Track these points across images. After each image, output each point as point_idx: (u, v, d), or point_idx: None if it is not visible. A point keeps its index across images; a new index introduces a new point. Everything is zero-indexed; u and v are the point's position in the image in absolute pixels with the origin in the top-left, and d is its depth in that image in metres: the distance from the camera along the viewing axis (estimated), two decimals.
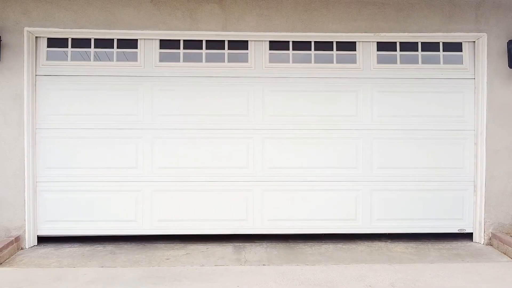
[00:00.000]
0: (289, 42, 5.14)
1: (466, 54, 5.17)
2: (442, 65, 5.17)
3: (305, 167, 5.13)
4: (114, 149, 5.03)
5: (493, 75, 4.98)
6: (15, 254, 4.64)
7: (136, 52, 5.05)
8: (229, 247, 4.88)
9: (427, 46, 5.18)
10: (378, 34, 4.99)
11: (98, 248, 4.85)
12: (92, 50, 5.02)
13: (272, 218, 5.13)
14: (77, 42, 5.00)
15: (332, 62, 5.14)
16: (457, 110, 5.16)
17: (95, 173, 5.01)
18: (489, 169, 5.02)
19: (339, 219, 5.15)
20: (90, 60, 5.01)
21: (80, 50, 5.01)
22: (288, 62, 5.13)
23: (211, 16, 4.90)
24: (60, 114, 4.98)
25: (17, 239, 4.75)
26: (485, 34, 4.98)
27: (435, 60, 5.17)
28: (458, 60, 5.17)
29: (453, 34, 5.01)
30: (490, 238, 5.01)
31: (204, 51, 5.10)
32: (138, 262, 4.38)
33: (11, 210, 4.82)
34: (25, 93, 4.79)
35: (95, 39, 5.01)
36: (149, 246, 4.93)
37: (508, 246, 4.64)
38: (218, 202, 5.10)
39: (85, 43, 5.02)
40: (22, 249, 4.82)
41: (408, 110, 5.15)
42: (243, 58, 5.12)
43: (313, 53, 5.14)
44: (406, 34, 5.00)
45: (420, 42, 5.16)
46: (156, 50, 5.06)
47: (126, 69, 5.03)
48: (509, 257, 4.58)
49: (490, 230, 5.03)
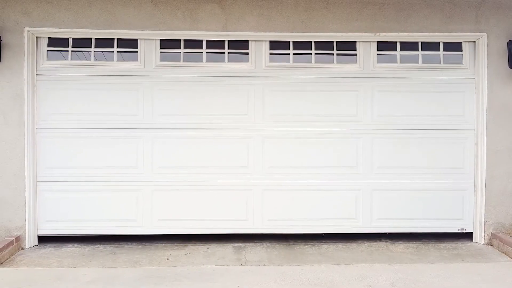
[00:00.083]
0: (289, 42, 5.13)
1: (466, 54, 5.16)
2: (442, 64, 5.16)
3: (305, 167, 5.13)
4: (114, 148, 5.03)
5: (493, 75, 4.98)
6: (16, 254, 4.65)
7: (136, 51, 5.05)
8: (229, 247, 4.89)
9: (427, 46, 5.17)
10: (378, 34, 4.99)
11: (99, 248, 4.86)
12: (92, 49, 5.03)
13: (272, 217, 5.13)
14: (77, 42, 5.00)
15: (332, 62, 5.14)
16: (457, 109, 5.16)
17: (96, 172, 5.02)
18: (489, 169, 5.02)
19: (340, 219, 5.15)
20: (90, 59, 5.02)
21: (80, 50, 5.01)
22: (288, 62, 5.13)
23: (212, 16, 4.90)
24: (60, 113, 4.98)
25: (17, 239, 4.75)
26: (485, 34, 4.98)
27: (436, 59, 5.17)
28: (459, 59, 5.17)
29: (453, 34, 5.01)
30: (491, 238, 5.02)
31: (204, 51, 5.10)
32: (138, 262, 4.38)
33: (12, 210, 4.83)
34: (25, 93, 4.79)
35: (96, 39, 5.01)
36: (149, 246, 4.93)
37: (508, 246, 4.64)
38: (219, 202, 5.10)
39: (85, 43, 5.01)
40: (22, 249, 4.82)
41: (408, 109, 5.15)
42: (243, 58, 5.12)
43: (313, 52, 5.15)
44: (406, 34, 5.00)
45: (420, 42, 5.16)
46: (156, 50, 5.06)
47: (126, 68, 5.03)
48: (509, 257, 4.58)
49: (490, 230, 5.03)
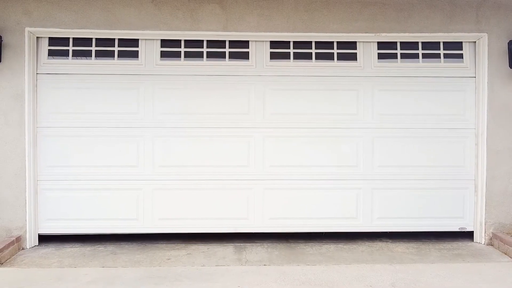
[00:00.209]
0: (290, 41, 5.13)
1: (466, 53, 5.16)
2: (442, 63, 5.16)
3: (306, 166, 5.13)
4: (115, 147, 5.03)
5: (493, 75, 4.98)
6: (16, 254, 4.65)
7: (137, 50, 5.05)
8: (230, 247, 4.89)
9: (428, 45, 5.17)
10: (379, 34, 4.99)
11: (99, 248, 4.86)
12: (93, 48, 5.02)
13: (273, 216, 5.13)
14: (78, 41, 5.00)
15: (333, 61, 5.14)
16: (457, 108, 5.15)
17: (96, 171, 5.02)
18: (490, 169, 5.02)
19: (340, 218, 5.15)
20: (91, 58, 5.01)
21: (81, 49, 5.01)
22: (289, 60, 5.13)
23: (212, 16, 4.89)
24: (61, 112, 4.98)
25: (18, 239, 4.75)
26: (485, 34, 4.98)
27: (436, 58, 5.17)
28: (459, 58, 5.16)
29: (454, 34, 5.01)
30: (491, 238, 5.02)
31: (205, 50, 5.09)
32: (139, 262, 4.38)
33: (12, 210, 4.83)
34: (26, 93, 4.79)
35: (96, 38, 5.01)
36: (150, 246, 4.93)
37: (508, 246, 4.64)
38: (219, 201, 5.10)
39: (86, 42, 5.01)
40: (23, 249, 4.82)
41: (409, 108, 5.15)
42: (244, 57, 5.11)
43: (314, 52, 5.14)
44: (407, 34, 5.00)
45: (420, 41, 5.15)
46: (157, 49, 5.06)
47: (127, 67, 5.02)
48: (509, 257, 4.58)
49: (491, 230, 5.03)
